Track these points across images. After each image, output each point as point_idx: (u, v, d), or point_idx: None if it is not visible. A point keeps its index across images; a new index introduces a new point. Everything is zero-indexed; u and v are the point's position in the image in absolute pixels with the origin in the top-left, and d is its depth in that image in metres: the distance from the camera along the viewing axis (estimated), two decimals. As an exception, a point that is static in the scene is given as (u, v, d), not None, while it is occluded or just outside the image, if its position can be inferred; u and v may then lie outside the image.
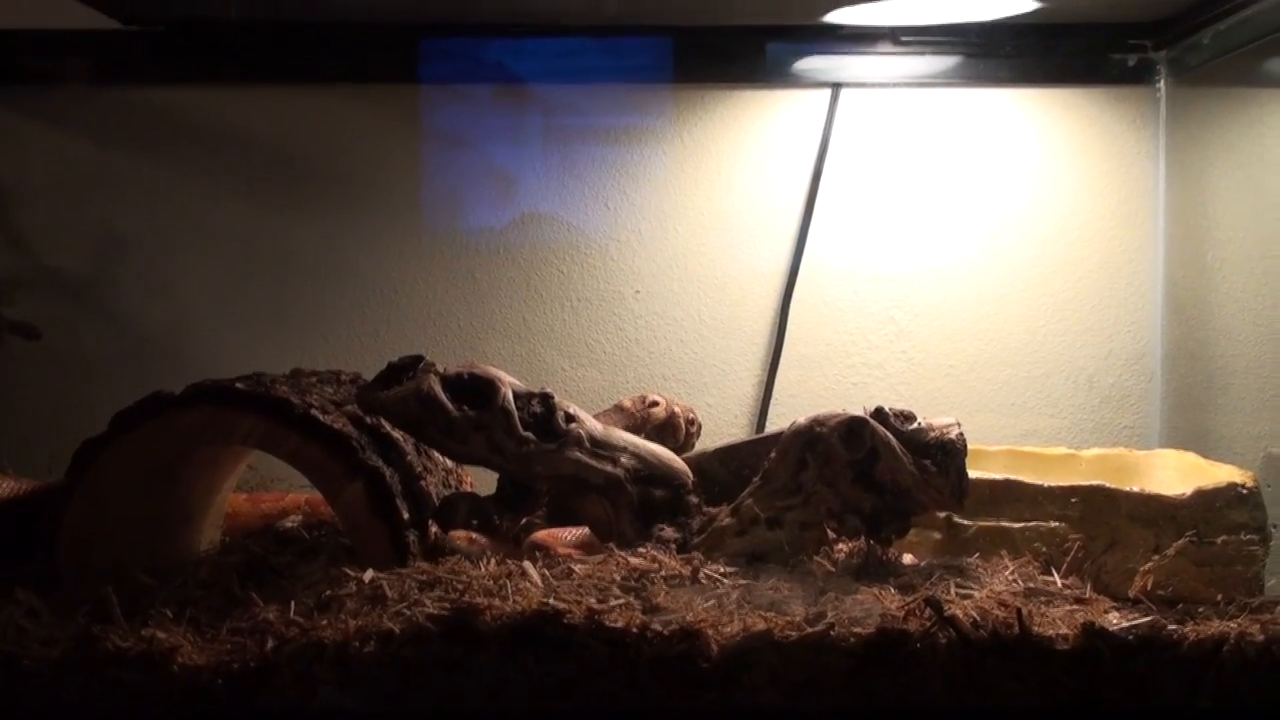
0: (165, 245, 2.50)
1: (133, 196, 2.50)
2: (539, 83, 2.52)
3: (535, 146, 2.54)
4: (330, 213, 2.51)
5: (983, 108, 2.53)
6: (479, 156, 2.53)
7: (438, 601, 1.54)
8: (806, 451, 1.74)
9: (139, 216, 2.51)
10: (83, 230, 2.51)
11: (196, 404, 1.73)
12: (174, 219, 2.51)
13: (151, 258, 2.51)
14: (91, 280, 2.51)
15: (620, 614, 1.51)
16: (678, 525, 1.79)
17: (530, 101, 2.54)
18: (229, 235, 2.51)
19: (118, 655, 1.49)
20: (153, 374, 1.88)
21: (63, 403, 2.42)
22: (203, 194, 2.51)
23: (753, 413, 2.52)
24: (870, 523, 1.73)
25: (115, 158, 2.50)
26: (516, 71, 2.50)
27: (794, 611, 1.54)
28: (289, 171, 2.52)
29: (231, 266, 2.51)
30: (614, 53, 2.48)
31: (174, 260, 2.51)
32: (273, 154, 2.52)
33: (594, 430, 1.83)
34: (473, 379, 1.79)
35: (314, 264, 2.51)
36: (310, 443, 1.71)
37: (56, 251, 2.50)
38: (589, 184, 2.53)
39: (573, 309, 2.53)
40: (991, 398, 2.52)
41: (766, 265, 2.53)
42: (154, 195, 2.50)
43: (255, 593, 1.61)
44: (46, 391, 2.43)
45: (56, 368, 2.44)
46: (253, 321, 2.50)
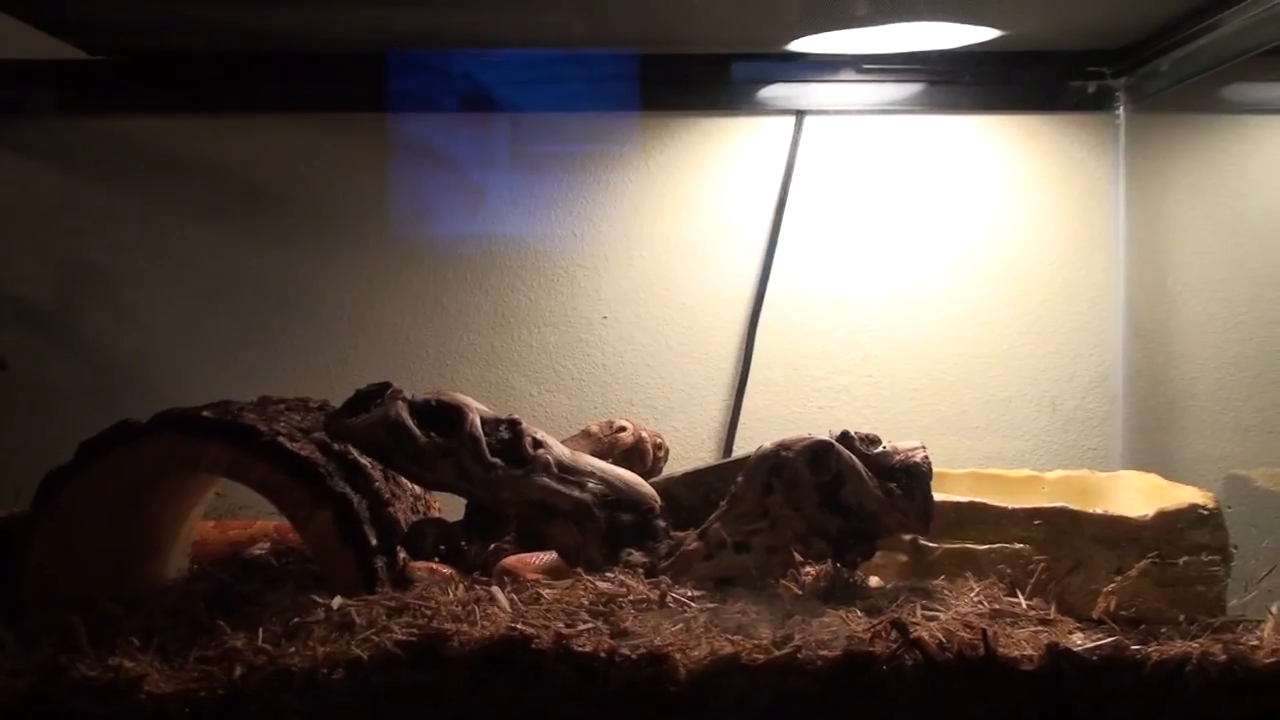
0: (132, 274, 2.50)
1: (99, 226, 2.50)
2: (505, 110, 2.52)
3: (502, 173, 2.55)
4: (297, 241, 2.52)
5: (945, 134, 2.55)
6: (446, 184, 2.53)
7: (406, 628, 1.54)
8: (772, 476, 1.75)
9: (106, 246, 2.51)
10: (49, 259, 2.51)
11: (163, 432, 1.72)
12: (141, 248, 2.51)
13: (118, 287, 2.50)
14: (58, 309, 2.50)
15: (589, 638, 1.51)
16: (645, 550, 1.79)
17: (497, 129, 2.55)
18: (196, 264, 2.51)
19: (84, 685, 1.48)
20: (119, 403, 1.87)
21: (28, 432, 2.40)
22: (169, 223, 2.51)
23: (720, 437, 2.53)
24: (836, 546, 1.73)
25: (82, 187, 2.50)
26: (483, 99, 2.51)
27: (761, 635, 1.54)
28: (256, 200, 2.52)
29: (199, 295, 2.51)
30: (580, 80, 2.50)
31: (141, 289, 2.50)
32: (239, 183, 2.52)
33: (561, 456, 1.83)
34: (440, 405, 1.79)
35: (281, 292, 2.51)
36: (277, 470, 1.70)
37: (22, 281, 2.49)
38: (556, 210, 2.54)
39: (540, 335, 2.53)
40: (956, 421, 2.54)
41: (732, 290, 2.54)
42: (121, 224, 2.50)
43: (223, 620, 1.60)
44: (12, 421, 2.42)
45: (22, 397, 2.43)
46: (220, 350, 2.49)
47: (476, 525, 1.84)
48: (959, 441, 2.51)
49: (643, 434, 2.14)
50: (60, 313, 2.50)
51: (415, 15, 2.24)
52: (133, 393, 2.40)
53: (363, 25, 2.30)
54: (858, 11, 2.19)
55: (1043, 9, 2.24)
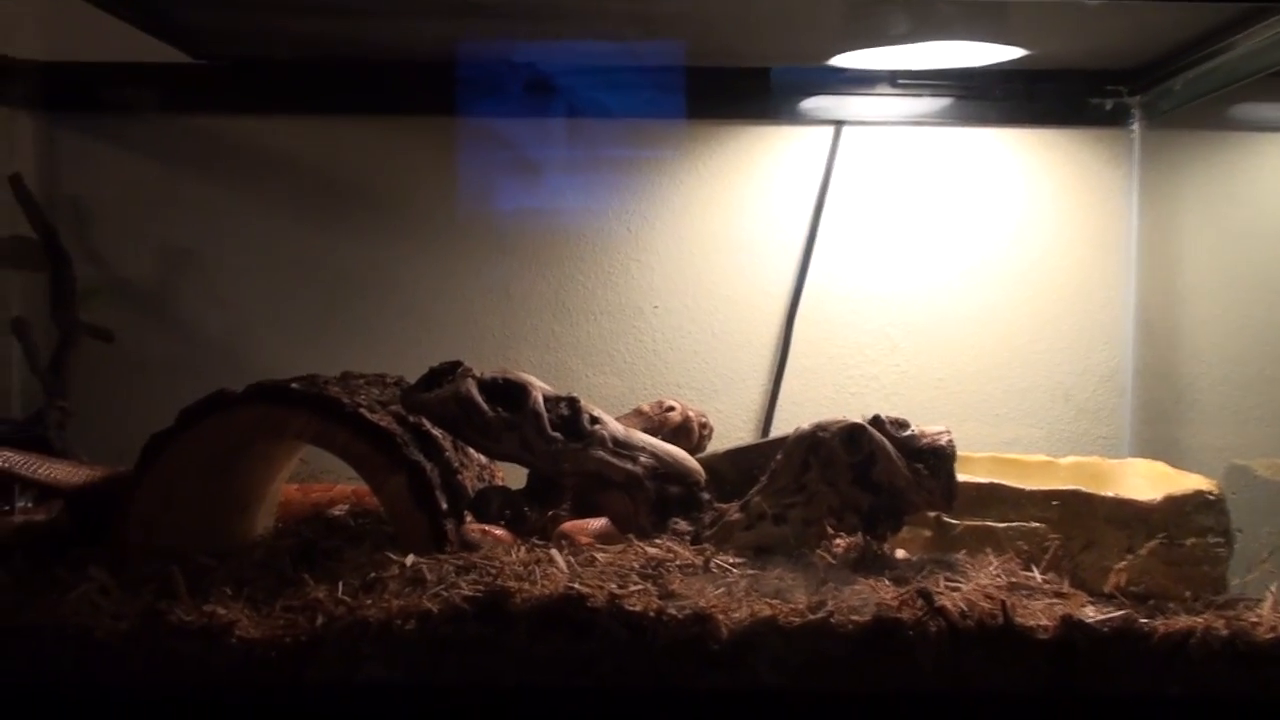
0: (225, 260, 2.51)
1: (196, 216, 2.51)
2: (566, 117, 2.52)
3: (563, 174, 2.54)
4: (375, 234, 2.52)
5: (972, 145, 2.53)
6: (511, 183, 2.53)
7: (472, 585, 1.54)
8: (810, 454, 1.74)
9: (201, 234, 2.51)
10: (151, 246, 2.52)
11: (255, 402, 1.73)
12: (233, 237, 2.51)
13: (212, 271, 2.51)
14: (158, 290, 2.51)
15: (639, 599, 1.51)
16: (691, 519, 1.79)
17: (558, 134, 2.54)
18: (282, 252, 2.51)
19: (181, 628, 1.50)
20: (213, 376, 1.88)
21: (132, 400, 2.42)
22: (258, 215, 2.51)
23: (759, 418, 2.52)
24: (867, 520, 1.72)
25: (180, 180, 2.51)
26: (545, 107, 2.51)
27: (797, 600, 1.54)
28: (335, 195, 2.52)
29: (284, 280, 2.52)
30: (635, 91, 2.49)
31: (232, 274, 2.51)
32: (321, 179, 2.52)
33: (616, 432, 1.83)
34: (506, 383, 1.79)
35: (360, 279, 2.51)
36: (358, 439, 1.71)
37: (128, 264, 2.51)
38: (612, 209, 2.53)
39: (596, 322, 2.53)
40: (977, 408, 2.52)
41: (773, 285, 2.53)
42: (215, 215, 2.51)
43: (306, 574, 1.61)
44: (118, 389, 2.44)
45: (127, 368, 2.45)
46: (304, 330, 2.50)
47: (537, 493, 1.85)
48: (980, 428, 2.49)
49: (689, 413, 2.14)
50: (161, 293, 2.51)
51: (484, 26, 2.24)
52: (225, 367, 2.40)
53: (434, 36, 2.30)
54: (894, 30, 2.18)
55: (1065, 31, 2.22)
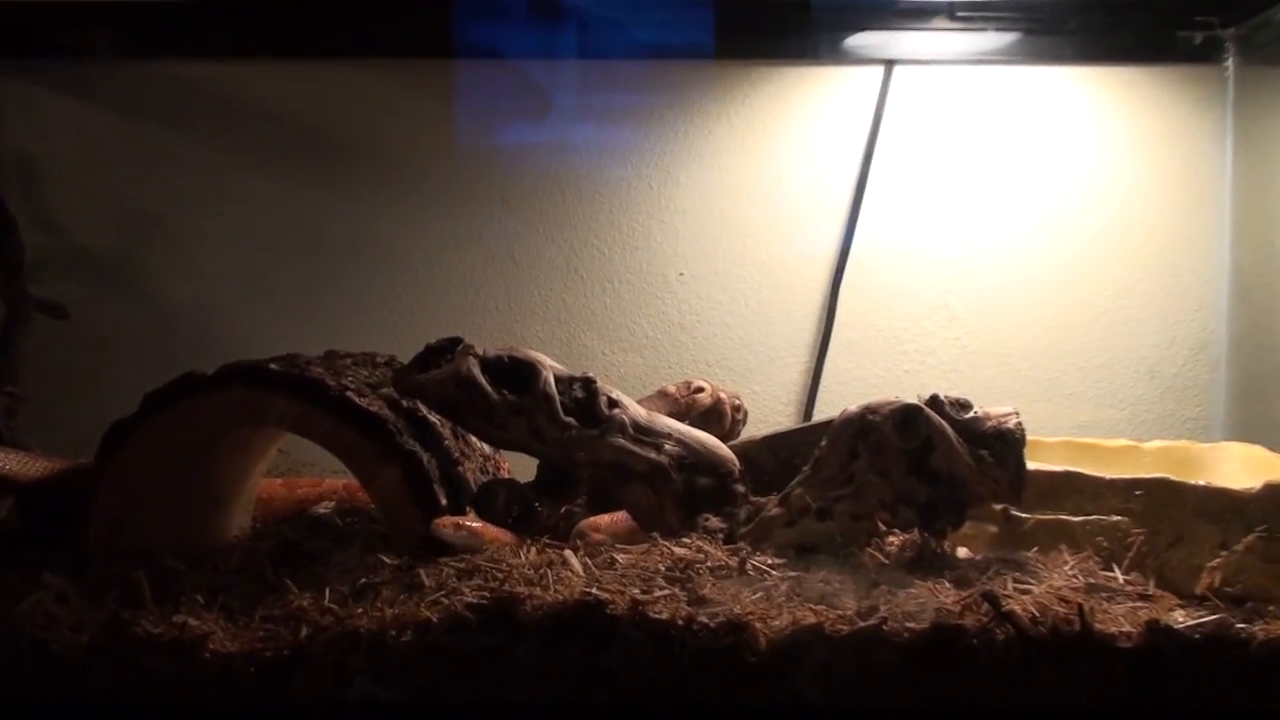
0: (195, 223, 2.52)
1: (162, 173, 2.52)
2: (580, 58, 2.51)
3: (577, 124, 2.54)
4: (365, 191, 2.52)
5: (1042, 87, 2.51)
6: (518, 135, 2.53)
7: (477, 590, 1.54)
8: (858, 440, 1.73)
9: (169, 194, 2.52)
10: (111, 208, 2.53)
11: (230, 385, 1.73)
12: (204, 197, 2.52)
13: (181, 236, 2.52)
14: (119, 259, 2.52)
15: (665, 605, 1.51)
16: (724, 515, 1.79)
17: (571, 77, 2.54)
18: (260, 214, 2.52)
19: (148, 641, 1.50)
20: (182, 355, 1.89)
21: (90, 383, 2.43)
22: (234, 171, 2.52)
23: (800, 400, 2.51)
24: (924, 514, 1.72)
25: (144, 133, 2.52)
26: (557, 46, 2.50)
27: (845, 605, 1.53)
28: (322, 149, 2.52)
29: (263, 245, 2.52)
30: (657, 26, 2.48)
31: (204, 239, 2.52)
32: (305, 131, 2.53)
33: (637, 416, 1.82)
34: (513, 362, 1.79)
35: (348, 244, 2.52)
36: (345, 426, 1.71)
37: (84, 229, 2.51)
38: (632, 163, 2.53)
39: (614, 292, 2.53)
40: (1049, 387, 2.51)
41: (815, 248, 2.52)
42: (184, 172, 2.51)
43: (288, 579, 1.61)
44: (74, 372, 2.45)
45: (84, 348, 2.46)
46: (285, 302, 2.51)
47: (548, 487, 1.85)
48: (1051, 409, 2.49)
49: (721, 395, 2.13)
50: (122, 262, 2.52)
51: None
52: (195, 345, 2.41)
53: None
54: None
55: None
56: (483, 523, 1.73)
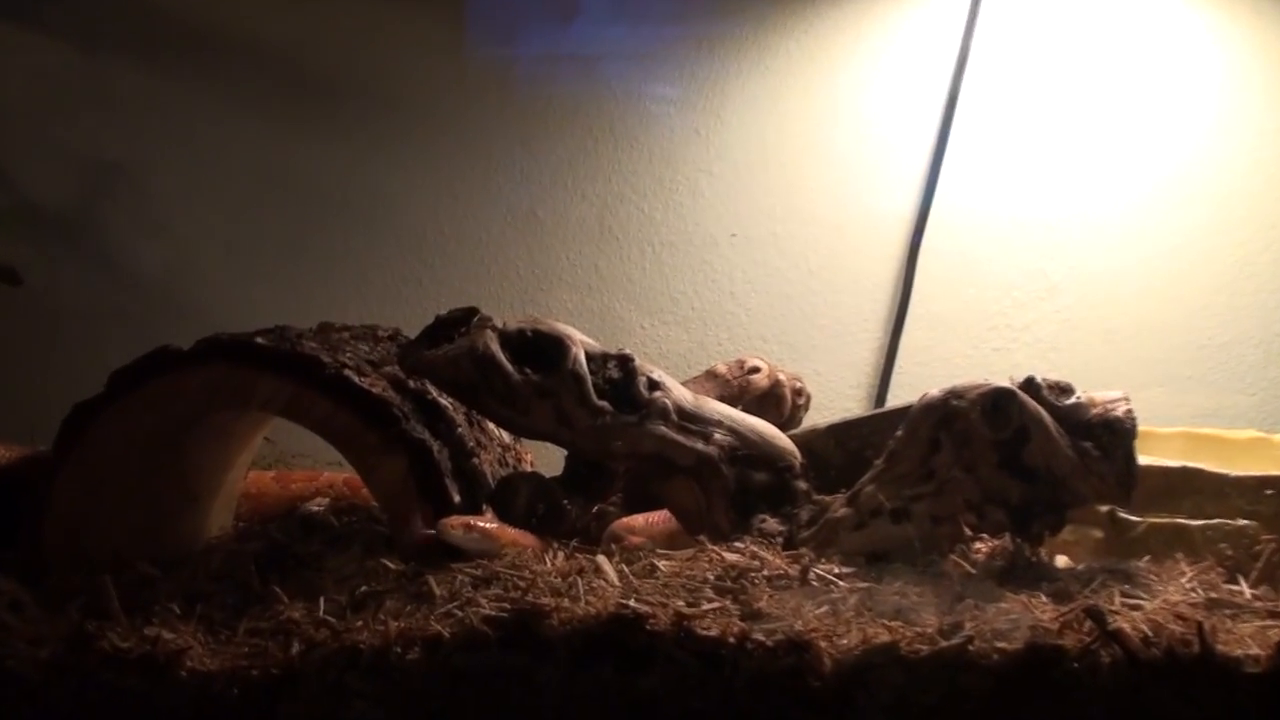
0: (165, 174, 2.54)
1: (128, 116, 2.53)
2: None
3: (611, 60, 2.54)
4: (363, 137, 2.54)
5: (1157, 18, 2.50)
6: (542, 71, 2.54)
7: (495, 601, 1.55)
8: (940, 429, 1.74)
9: (133, 139, 2.54)
10: (67, 156, 2.54)
11: (210, 361, 1.75)
12: (177, 143, 2.54)
13: (149, 189, 2.54)
14: (78, 215, 2.54)
15: (714, 620, 1.51)
16: (783, 516, 1.80)
17: (603, 4, 2.54)
18: (241, 162, 2.54)
19: (117, 657, 1.51)
20: (152, 327, 1.92)
21: (47, 359, 2.46)
22: (209, 113, 2.54)
23: (872, 383, 2.52)
24: (1017, 516, 1.72)
25: (107, 69, 2.54)
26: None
27: (924, 621, 1.54)
28: (312, 85, 2.54)
29: (245, 200, 2.54)
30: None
31: (176, 192, 2.54)
32: (292, 63, 2.54)
33: (682, 400, 1.83)
34: (537, 336, 1.80)
35: (343, 198, 2.53)
36: (342, 409, 1.73)
37: (36, 181, 2.54)
38: (676, 104, 2.53)
39: (655, 255, 2.54)
40: (1163, 369, 2.51)
41: (890, 205, 2.53)
42: (153, 114, 2.53)
43: (277, 587, 1.63)
44: (28, 346, 2.47)
45: (39, 318, 2.49)
46: (272, 267, 2.53)
47: (578, 482, 1.86)
48: (1167, 394, 2.49)
49: (779, 376, 2.14)
50: (83, 219, 2.54)
51: None
52: (168, 315, 2.43)
53: None
54: None
55: None
56: (499, 523, 1.74)
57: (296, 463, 2.16)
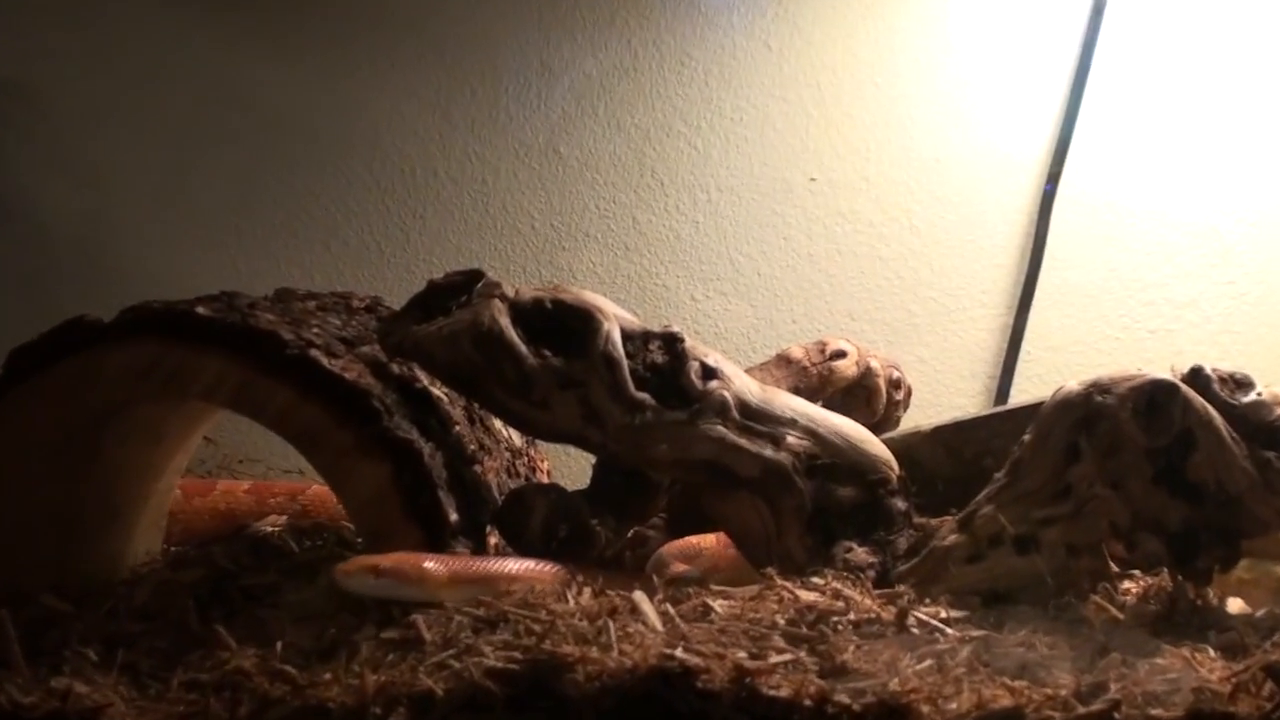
0: (79, 95, 2.55)
1: (28, 19, 2.54)
2: None
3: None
4: (336, 50, 2.54)
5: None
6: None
7: (502, 650, 1.55)
8: (1080, 434, 1.74)
9: (38, 51, 2.55)
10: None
11: (137, 337, 1.75)
12: (93, 55, 2.55)
13: (58, 114, 2.55)
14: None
15: (785, 677, 1.52)
16: (874, 543, 1.80)
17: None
18: (180, 81, 2.55)
19: (16, 715, 1.52)
20: (62, 293, 1.93)
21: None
22: (138, 17, 2.55)
23: (991, 372, 2.53)
24: (1178, 546, 1.72)
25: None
26: None
27: (1057, 680, 1.54)
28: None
29: (184, 130, 2.55)
30: None
31: (93, 119, 2.55)
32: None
33: (746, 393, 1.84)
34: (559, 309, 1.81)
35: (311, 128, 2.54)
36: (308, 401, 1.73)
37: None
38: (738, 12, 2.54)
39: (710, 204, 2.54)
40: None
41: (1016, 149, 2.53)
42: (62, 18, 2.54)
43: (220, 627, 1.63)
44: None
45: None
46: (216, 216, 2.54)
47: (610, 497, 1.86)
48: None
49: (871, 363, 2.15)
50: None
51: None
52: (80, 278, 2.44)
53: None
54: None
55: None
56: (438, 557, 1.69)
57: (245, 469, 2.17)
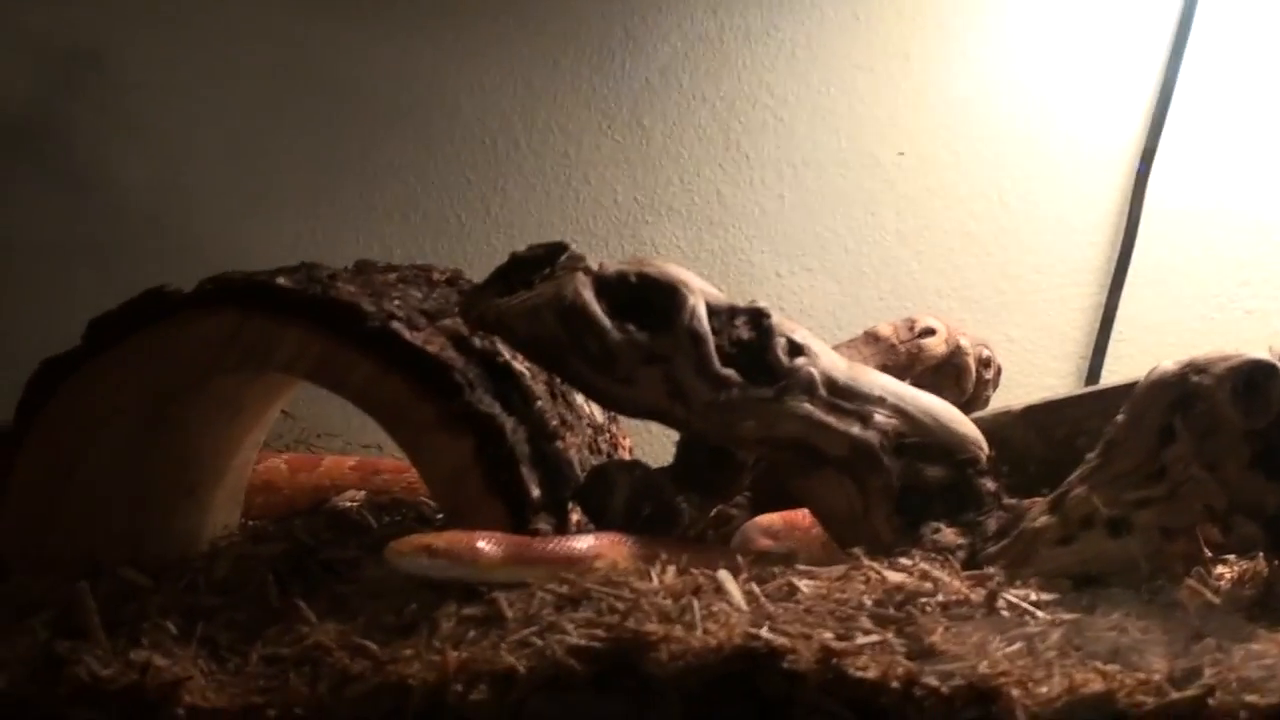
0: (154, 65, 2.56)
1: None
2: None
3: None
4: (414, 19, 2.55)
5: None
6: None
7: (585, 627, 1.56)
8: (1175, 414, 1.73)
9: (114, 20, 2.56)
10: (27, 41, 2.57)
11: (217, 308, 1.76)
12: (167, 24, 2.56)
13: (133, 84, 2.56)
14: (41, 118, 2.57)
15: (873, 658, 1.52)
16: (963, 524, 1.80)
17: None
18: (256, 52, 2.56)
19: (95, 688, 1.53)
20: (137, 264, 1.94)
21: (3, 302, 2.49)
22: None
23: (1083, 352, 2.52)
24: (1276, 530, 1.72)
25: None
26: None
27: (1150, 665, 1.54)
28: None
29: (260, 100, 2.57)
30: None
31: (169, 89, 2.56)
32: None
33: (833, 370, 1.84)
34: (643, 283, 1.81)
35: (389, 99, 2.55)
36: (390, 373, 1.74)
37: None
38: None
39: (796, 179, 2.54)
40: None
41: (1109, 125, 2.52)
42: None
43: (301, 602, 1.64)
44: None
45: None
46: (294, 187, 2.54)
47: (694, 475, 1.87)
48: None
49: (960, 342, 2.15)
50: (44, 123, 2.56)
51: None
52: (156, 249, 2.46)
53: None
54: None
55: None
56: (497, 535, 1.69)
57: (323, 444, 2.18)
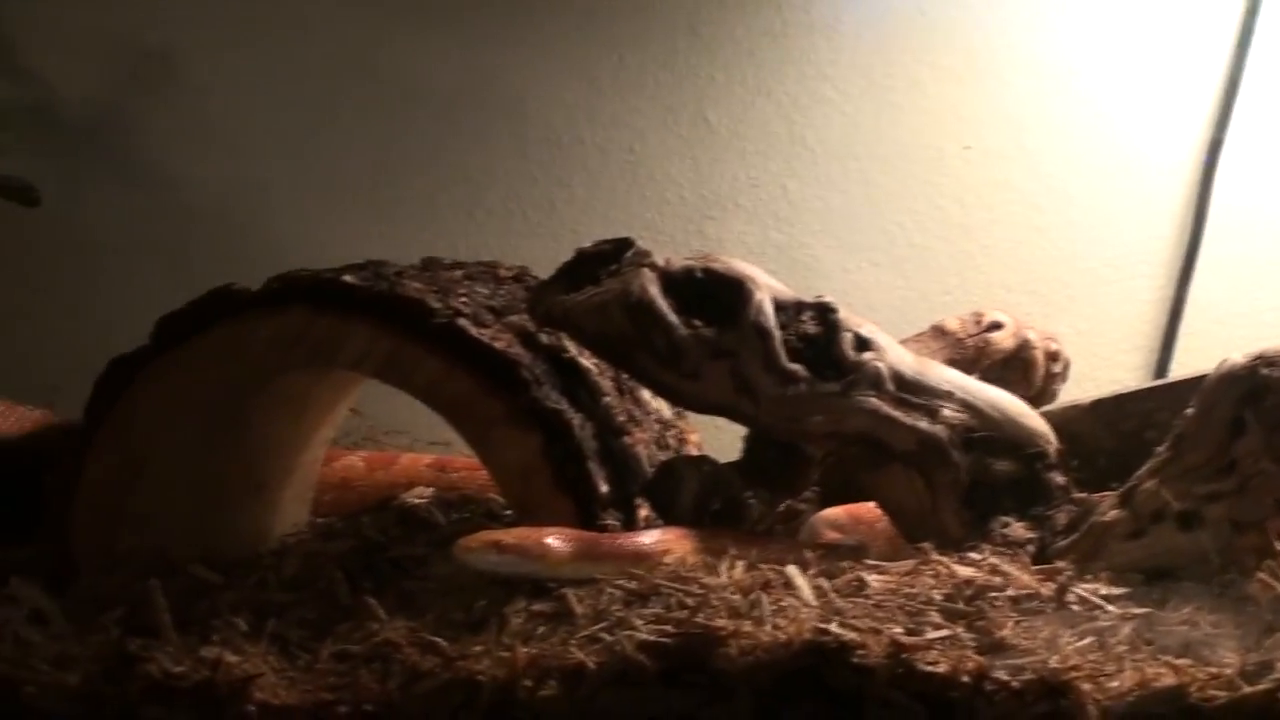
0: (224, 65, 2.58)
1: None
2: None
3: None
4: (478, 17, 2.55)
5: None
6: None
7: (654, 623, 1.56)
8: (1245, 407, 1.73)
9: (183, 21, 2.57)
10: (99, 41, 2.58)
11: (286, 306, 1.77)
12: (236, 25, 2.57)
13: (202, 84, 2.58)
14: (111, 118, 2.58)
15: (943, 653, 1.52)
16: (1033, 518, 1.80)
17: None
18: (323, 50, 2.56)
19: (166, 685, 1.54)
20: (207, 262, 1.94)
21: (75, 303, 2.51)
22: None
23: (1153, 345, 2.51)
24: (1349, 525, 1.72)
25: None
26: None
27: (1222, 658, 1.53)
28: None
29: (322, 99, 2.57)
30: None
31: (237, 89, 2.57)
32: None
33: (901, 364, 1.84)
34: (710, 278, 1.81)
35: (454, 97, 2.55)
36: (457, 371, 1.74)
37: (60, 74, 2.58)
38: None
39: (861, 173, 2.54)
40: None
41: (1177, 117, 2.51)
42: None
43: (371, 599, 1.64)
44: (50, 286, 2.52)
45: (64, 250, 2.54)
46: (360, 185, 2.55)
47: (762, 470, 1.87)
48: None
49: (1028, 335, 2.14)
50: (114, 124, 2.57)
51: None
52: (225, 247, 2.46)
53: None
54: None
55: None
56: (563, 531, 1.69)
57: (390, 441, 2.18)
